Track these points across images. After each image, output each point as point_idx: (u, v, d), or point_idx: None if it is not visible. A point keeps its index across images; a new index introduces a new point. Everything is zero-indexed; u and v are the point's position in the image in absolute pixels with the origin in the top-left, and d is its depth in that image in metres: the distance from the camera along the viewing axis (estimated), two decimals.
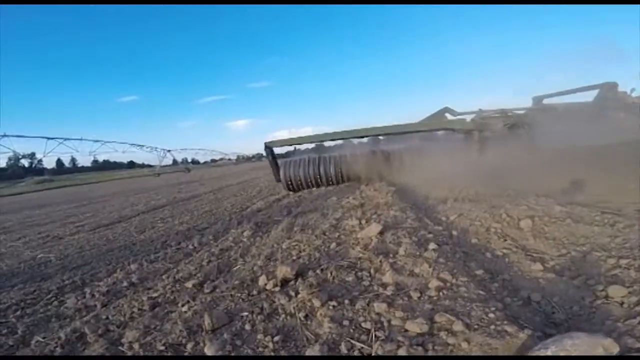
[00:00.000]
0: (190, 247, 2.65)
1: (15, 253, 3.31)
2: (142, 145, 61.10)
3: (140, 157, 79.57)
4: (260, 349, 1.16)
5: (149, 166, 75.85)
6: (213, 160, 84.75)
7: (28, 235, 4.46)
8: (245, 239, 2.60)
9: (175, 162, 69.53)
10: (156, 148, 61.14)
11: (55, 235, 4.15)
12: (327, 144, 7.05)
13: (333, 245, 2.13)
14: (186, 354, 1.20)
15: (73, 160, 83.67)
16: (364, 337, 1.14)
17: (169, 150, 62.03)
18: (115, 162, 77.75)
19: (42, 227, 5.06)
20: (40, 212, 7.78)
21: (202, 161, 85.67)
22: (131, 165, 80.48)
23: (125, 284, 2.00)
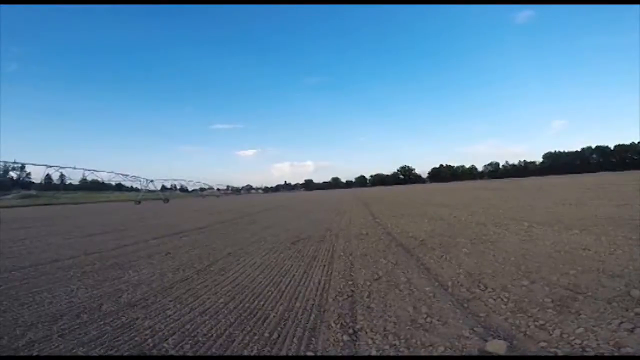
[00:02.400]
0: None
1: None
2: (127, 175, 65.58)
3: (129, 180, 74.94)
4: None
5: (136, 190, 71.02)
6: (202, 189, 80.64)
7: None
8: None
9: (164, 188, 66.32)
10: (139, 177, 63.78)
11: None
12: None
13: None
14: None
15: (62, 176, 78.94)
16: None
17: (151, 180, 62.84)
18: (103, 183, 72.34)
19: None
20: None
21: (190, 189, 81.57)
22: (119, 187, 75.93)
23: None
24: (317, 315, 2.70)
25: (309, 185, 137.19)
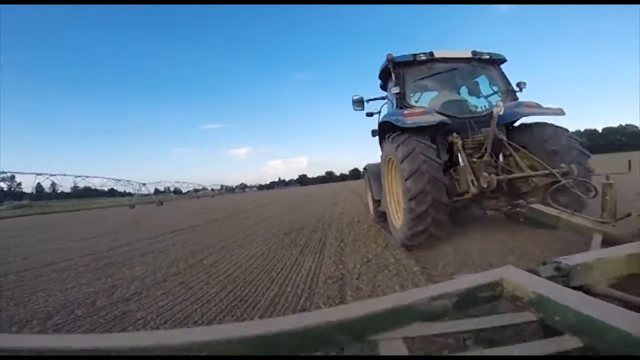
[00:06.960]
0: None
1: None
2: (119, 180, 67.12)
3: (121, 185, 74.18)
4: None
5: (129, 194, 70.58)
6: (196, 190, 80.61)
7: None
8: None
9: (157, 191, 65.83)
10: (131, 182, 64.51)
11: None
12: None
13: None
14: None
15: (53, 185, 77.99)
16: None
17: (144, 184, 62.94)
18: (95, 189, 71.64)
19: None
20: None
21: (184, 191, 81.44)
22: (111, 193, 75.46)
23: None
24: (307, 298, 2.77)
25: (303, 180, 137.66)
